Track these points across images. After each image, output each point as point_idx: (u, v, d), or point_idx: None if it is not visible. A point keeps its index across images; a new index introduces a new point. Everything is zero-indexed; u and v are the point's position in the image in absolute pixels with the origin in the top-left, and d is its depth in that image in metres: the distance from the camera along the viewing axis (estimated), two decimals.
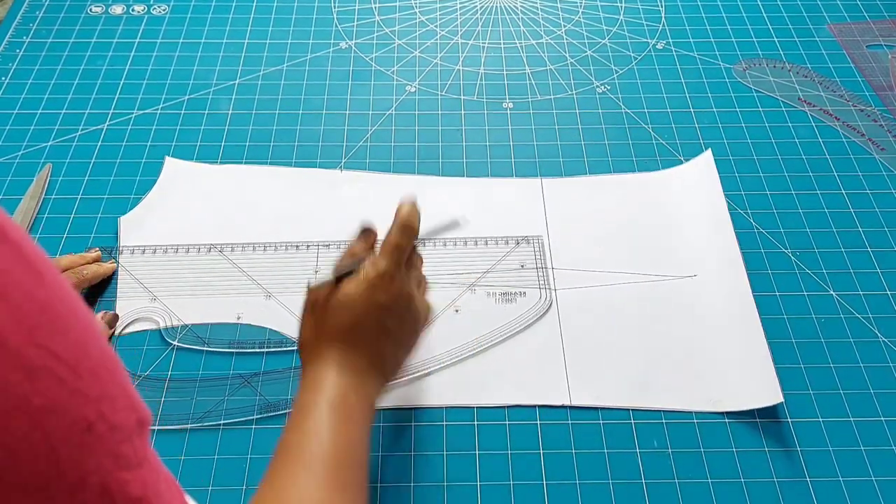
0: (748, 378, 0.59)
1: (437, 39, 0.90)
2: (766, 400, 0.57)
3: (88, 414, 0.23)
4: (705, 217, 0.70)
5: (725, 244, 0.67)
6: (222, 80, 0.83)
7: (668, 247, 0.68)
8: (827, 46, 0.89)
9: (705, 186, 0.72)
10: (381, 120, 0.79)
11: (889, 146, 0.77)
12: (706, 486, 0.54)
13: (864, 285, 0.66)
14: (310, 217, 0.70)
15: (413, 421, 0.57)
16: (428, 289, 0.55)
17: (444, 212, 0.70)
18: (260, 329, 0.62)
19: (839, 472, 0.55)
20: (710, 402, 0.58)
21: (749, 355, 0.60)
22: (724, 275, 0.65)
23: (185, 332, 0.62)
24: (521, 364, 0.61)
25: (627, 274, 0.66)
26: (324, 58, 0.86)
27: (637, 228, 0.70)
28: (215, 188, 0.72)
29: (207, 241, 0.68)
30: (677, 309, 0.64)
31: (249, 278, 0.65)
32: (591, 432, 0.57)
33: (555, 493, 0.54)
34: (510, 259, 0.67)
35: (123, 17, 0.91)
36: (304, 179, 0.73)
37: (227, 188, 0.73)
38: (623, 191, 0.73)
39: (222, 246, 0.68)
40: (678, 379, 0.59)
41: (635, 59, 0.87)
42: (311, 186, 0.73)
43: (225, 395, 0.58)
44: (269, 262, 0.66)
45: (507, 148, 0.77)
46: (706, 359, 0.60)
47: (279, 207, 0.70)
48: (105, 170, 0.74)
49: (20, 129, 0.77)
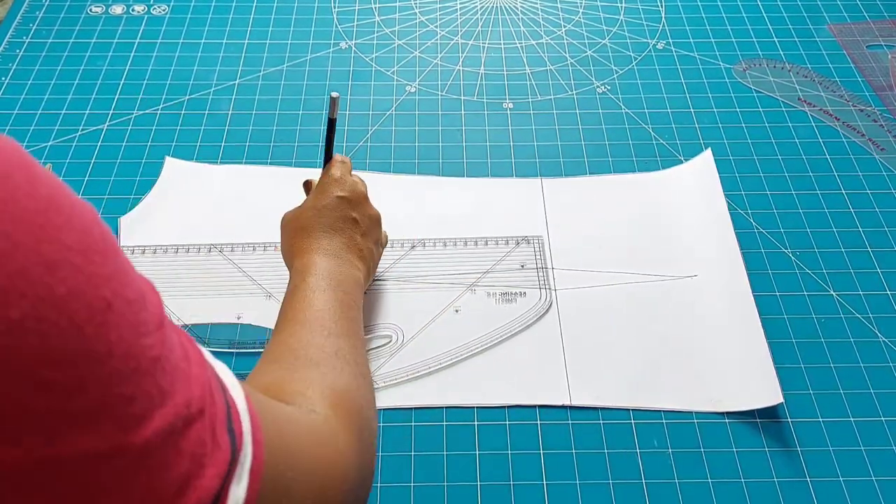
0: (748, 378, 0.59)
1: (437, 39, 0.90)
2: (766, 400, 0.57)
3: (105, 293, 0.24)
4: (705, 217, 0.70)
5: (726, 244, 0.67)
6: (222, 80, 0.83)
7: (669, 247, 0.68)
8: (827, 46, 0.89)
9: (705, 186, 0.72)
10: (381, 120, 0.79)
11: (889, 146, 0.77)
12: (706, 486, 0.54)
13: (864, 285, 0.66)
14: None
15: (413, 421, 0.57)
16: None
17: (444, 212, 0.71)
18: (260, 329, 0.62)
19: (839, 472, 0.55)
20: (710, 402, 0.58)
21: (749, 355, 0.60)
22: (725, 275, 0.65)
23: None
24: (520, 364, 0.60)
25: (628, 274, 0.66)
26: (324, 58, 0.86)
27: (637, 228, 0.70)
28: (215, 188, 0.72)
29: (207, 241, 0.68)
30: (677, 309, 0.64)
31: (250, 278, 0.65)
32: (591, 432, 0.57)
33: (555, 493, 0.54)
34: (510, 259, 0.67)
35: (123, 17, 0.91)
36: (303, 179, 0.73)
37: (226, 188, 0.73)
38: (623, 191, 0.73)
39: (222, 246, 0.68)
40: (678, 379, 0.59)
41: (635, 59, 0.87)
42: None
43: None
44: (270, 262, 0.66)
45: (507, 148, 0.77)
46: (706, 359, 0.60)
47: (278, 207, 0.70)
48: (105, 170, 0.74)
49: (20, 129, 0.77)
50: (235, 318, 0.63)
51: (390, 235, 0.67)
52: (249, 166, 0.75)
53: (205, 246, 0.68)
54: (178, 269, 0.66)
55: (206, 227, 0.69)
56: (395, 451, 0.56)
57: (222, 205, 0.71)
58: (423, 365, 0.60)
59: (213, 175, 0.74)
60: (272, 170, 0.74)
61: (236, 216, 0.70)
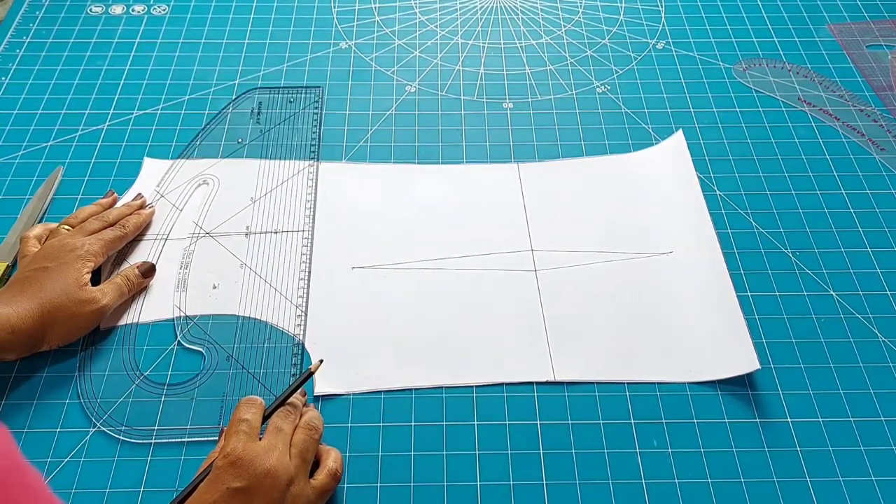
0: (725, 348, 0.60)
1: (437, 39, 0.90)
2: (743, 368, 0.59)
3: None
4: (679, 195, 0.71)
5: (699, 221, 0.69)
6: (222, 80, 0.83)
7: (644, 225, 0.70)
8: (827, 46, 0.89)
9: (677, 166, 0.74)
10: (381, 120, 0.79)
11: (889, 146, 0.77)
12: (706, 486, 0.54)
13: (864, 285, 0.66)
14: (290, 205, 0.71)
15: (413, 421, 0.58)
16: (317, 440, 0.52)
17: (423, 201, 0.71)
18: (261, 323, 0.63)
19: (839, 472, 0.55)
20: (689, 373, 0.60)
21: (725, 326, 0.61)
22: (699, 250, 0.67)
23: (190, 327, 0.62)
24: (504, 343, 0.62)
25: (606, 253, 0.68)
26: (324, 58, 0.86)
27: (613, 208, 0.71)
28: (195, 185, 0.73)
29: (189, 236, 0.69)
30: (655, 285, 0.65)
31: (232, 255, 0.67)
32: (590, 432, 0.57)
33: (555, 493, 0.54)
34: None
35: (123, 17, 0.91)
36: (276, 169, 0.74)
37: (206, 184, 0.73)
38: (598, 172, 0.74)
39: (206, 233, 0.68)
40: (658, 352, 0.61)
41: (635, 59, 0.87)
42: (286, 176, 0.73)
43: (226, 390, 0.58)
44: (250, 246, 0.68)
45: (507, 148, 0.77)
46: (684, 331, 0.62)
47: (261, 198, 0.71)
48: (105, 170, 0.74)
49: (20, 129, 0.77)
50: (212, 288, 0.64)
51: (377, 225, 0.69)
52: (226, 160, 0.75)
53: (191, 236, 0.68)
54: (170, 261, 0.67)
55: (189, 225, 0.69)
56: (395, 452, 0.56)
57: (202, 200, 0.71)
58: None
59: (191, 171, 0.74)
60: (242, 162, 0.74)
61: (217, 210, 0.71)
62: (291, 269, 0.66)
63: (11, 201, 0.70)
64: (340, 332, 0.62)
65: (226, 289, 0.65)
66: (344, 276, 0.66)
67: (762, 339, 0.62)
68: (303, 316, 0.63)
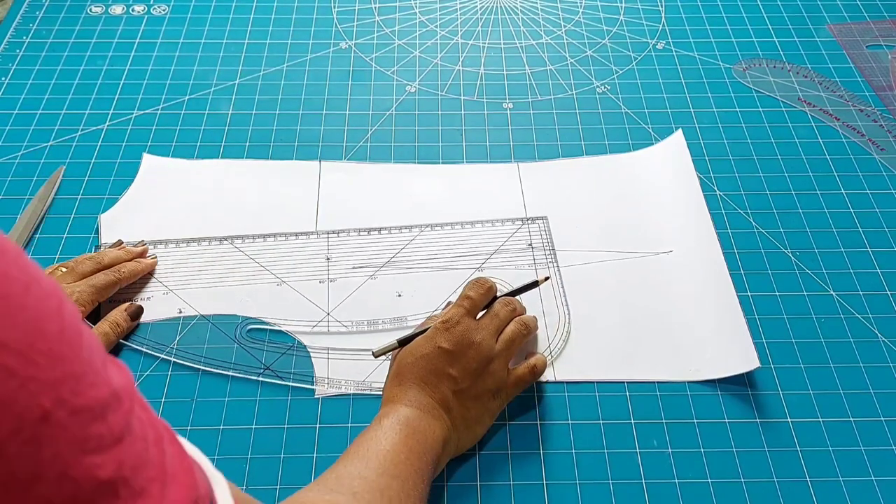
0: (725, 347, 0.60)
1: (437, 39, 0.90)
2: (743, 366, 0.59)
3: (43, 402, 0.21)
4: (679, 194, 0.72)
5: (699, 220, 0.69)
6: (222, 80, 0.83)
7: (645, 224, 0.70)
8: (827, 46, 0.89)
9: (677, 165, 0.74)
10: (381, 120, 0.79)
11: (889, 146, 0.77)
12: (706, 486, 0.54)
13: (864, 285, 0.66)
14: (290, 207, 0.71)
15: None
16: (520, 348, 0.58)
17: (422, 200, 0.71)
18: (263, 326, 0.62)
19: (839, 472, 0.55)
20: (690, 372, 0.60)
21: (725, 325, 0.62)
22: (699, 249, 0.67)
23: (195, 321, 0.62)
24: None
25: (606, 252, 0.67)
26: (324, 58, 0.86)
27: (613, 208, 0.71)
28: (194, 183, 0.73)
29: (188, 236, 0.68)
30: (655, 284, 0.65)
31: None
32: (591, 432, 0.57)
33: (555, 493, 0.54)
34: (517, 239, 0.68)
35: (123, 17, 0.91)
36: (281, 171, 0.74)
37: (205, 183, 0.73)
38: (597, 172, 0.74)
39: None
40: (658, 351, 0.61)
41: (635, 59, 0.87)
42: (289, 177, 0.73)
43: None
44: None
45: (507, 148, 0.77)
46: (684, 330, 0.62)
47: (257, 200, 0.72)
48: (105, 170, 0.74)
49: (20, 129, 0.77)
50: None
51: (381, 223, 0.68)
52: (226, 160, 0.75)
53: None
54: (172, 262, 0.66)
55: (186, 222, 0.69)
56: None
57: (201, 199, 0.71)
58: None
59: (190, 170, 0.74)
60: (247, 163, 0.75)
61: (215, 210, 0.70)
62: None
63: (11, 201, 0.70)
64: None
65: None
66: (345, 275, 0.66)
67: (762, 338, 0.62)
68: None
